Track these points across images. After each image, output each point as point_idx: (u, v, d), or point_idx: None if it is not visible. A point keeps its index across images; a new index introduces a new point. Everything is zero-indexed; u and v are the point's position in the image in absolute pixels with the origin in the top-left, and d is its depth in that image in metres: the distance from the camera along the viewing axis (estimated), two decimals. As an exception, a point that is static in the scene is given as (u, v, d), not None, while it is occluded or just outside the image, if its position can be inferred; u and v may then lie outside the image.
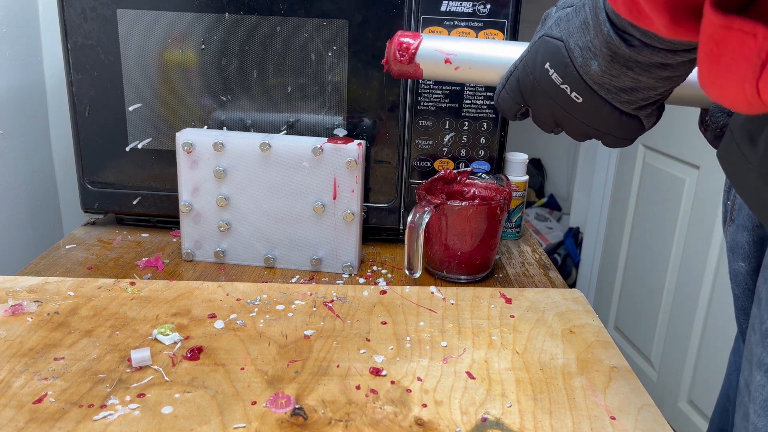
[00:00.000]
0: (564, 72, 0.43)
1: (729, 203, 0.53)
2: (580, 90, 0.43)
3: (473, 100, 0.76)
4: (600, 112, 0.43)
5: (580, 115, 0.45)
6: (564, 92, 0.44)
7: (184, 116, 0.77)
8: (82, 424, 0.44)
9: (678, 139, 1.63)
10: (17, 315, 0.59)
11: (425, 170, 0.79)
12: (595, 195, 2.15)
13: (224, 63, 0.75)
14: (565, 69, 0.43)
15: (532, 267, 0.78)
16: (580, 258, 2.28)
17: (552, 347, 0.57)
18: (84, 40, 0.75)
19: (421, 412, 0.47)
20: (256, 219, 0.72)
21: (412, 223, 0.65)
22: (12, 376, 0.50)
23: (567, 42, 0.42)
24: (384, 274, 0.73)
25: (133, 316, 0.60)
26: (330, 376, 0.51)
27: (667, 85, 0.42)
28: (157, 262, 0.74)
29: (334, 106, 0.76)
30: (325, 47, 0.74)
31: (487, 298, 0.66)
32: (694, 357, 1.55)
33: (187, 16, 0.73)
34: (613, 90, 0.42)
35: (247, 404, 0.47)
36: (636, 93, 0.42)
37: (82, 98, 0.77)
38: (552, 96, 0.45)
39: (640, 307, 1.81)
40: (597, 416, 0.47)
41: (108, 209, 0.82)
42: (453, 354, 0.55)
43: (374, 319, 0.61)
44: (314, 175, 0.70)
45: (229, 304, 0.63)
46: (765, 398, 0.42)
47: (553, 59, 0.43)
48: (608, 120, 0.44)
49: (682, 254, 1.60)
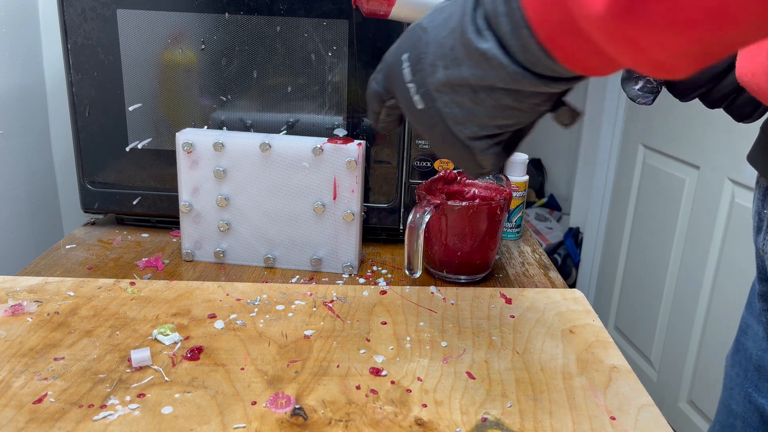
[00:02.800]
0: (415, 68, 0.37)
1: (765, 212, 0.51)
2: (422, 94, 0.37)
3: (473, 100, 0.76)
4: (435, 128, 0.38)
5: (419, 123, 0.39)
6: (408, 91, 0.38)
7: (184, 116, 0.77)
8: (82, 424, 0.44)
9: (678, 139, 1.63)
10: (17, 315, 0.59)
11: (425, 170, 0.79)
12: (595, 195, 2.15)
13: (224, 63, 0.75)
14: (417, 65, 0.37)
15: (532, 267, 0.78)
16: (580, 258, 2.28)
17: (552, 347, 0.57)
18: (84, 40, 0.75)
19: (421, 412, 0.47)
20: (256, 219, 0.72)
21: (412, 223, 0.65)
22: (12, 376, 0.49)
23: (428, 35, 0.36)
24: (384, 274, 0.73)
25: (133, 316, 0.60)
26: (330, 376, 0.51)
27: (507, 118, 0.36)
28: (157, 262, 0.74)
29: (334, 106, 0.76)
30: (325, 47, 0.74)
31: (487, 299, 0.66)
32: (694, 357, 1.55)
33: (187, 16, 0.73)
34: (449, 105, 0.36)
35: (247, 404, 0.47)
36: (473, 117, 0.36)
37: (82, 98, 0.77)
38: (400, 92, 0.39)
39: (640, 307, 1.81)
40: (597, 416, 0.47)
41: (108, 209, 0.82)
42: (453, 354, 0.55)
43: (374, 319, 0.61)
44: (314, 175, 0.70)
45: (229, 304, 0.63)
46: None
47: (412, 51, 0.37)
48: (442, 140, 0.39)
49: (682, 254, 1.60)
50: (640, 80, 0.52)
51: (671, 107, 1.65)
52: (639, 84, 0.52)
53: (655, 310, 1.72)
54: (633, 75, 0.52)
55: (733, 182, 1.42)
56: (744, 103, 0.50)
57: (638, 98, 0.52)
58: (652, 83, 0.51)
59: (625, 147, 1.92)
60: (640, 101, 0.52)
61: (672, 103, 1.79)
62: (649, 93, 0.52)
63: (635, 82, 0.52)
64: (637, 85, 0.52)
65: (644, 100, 0.52)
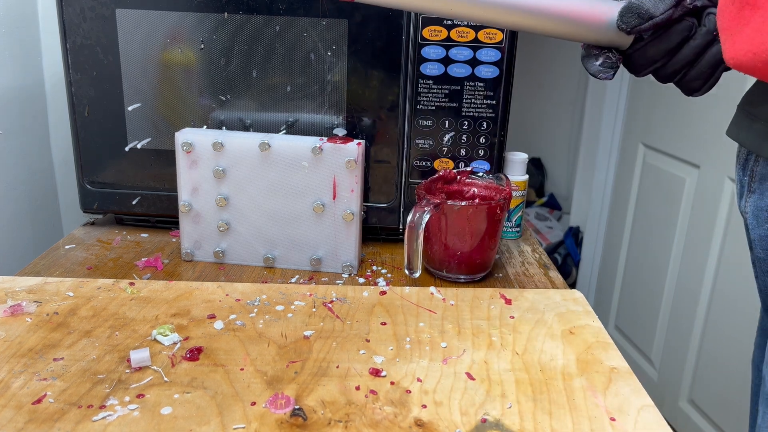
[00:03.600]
0: None
1: (746, 178, 0.56)
2: None
3: (473, 99, 0.76)
4: None
5: None
6: None
7: (184, 116, 0.77)
8: (81, 425, 0.44)
9: (678, 138, 1.63)
10: (16, 315, 0.59)
11: (425, 170, 0.79)
12: (596, 194, 2.15)
13: (223, 63, 0.75)
14: None
15: (532, 266, 0.78)
16: (580, 257, 2.28)
17: (552, 348, 0.57)
18: (83, 40, 0.75)
19: (420, 412, 0.47)
20: (255, 219, 0.72)
21: (412, 223, 0.65)
22: (11, 377, 0.49)
23: None
24: (384, 273, 0.73)
25: (132, 316, 0.60)
26: (329, 376, 0.51)
27: None
28: (156, 262, 0.74)
29: (333, 105, 0.76)
30: (325, 47, 0.74)
31: (486, 299, 0.66)
32: (695, 356, 1.55)
33: (187, 16, 0.73)
34: None
35: (246, 405, 0.47)
36: None
37: (82, 98, 0.77)
38: None
39: (640, 306, 1.81)
40: (597, 417, 0.47)
41: (107, 209, 0.82)
42: (453, 355, 0.55)
43: (374, 320, 0.61)
44: (314, 175, 0.70)
45: (229, 305, 0.63)
46: None
47: None
48: None
49: (682, 253, 1.60)
50: (600, 56, 0.54)
51: (671, 106, 1.65)
52: (599, 60, 0.54)
53: (655, 309, 1.72)
54: (592, 52, 0.54)
55: (734, 181, 1.42)
56: (695, 77, 0.53)
57: (599, 74, 0.54)
58: (611, 59, 0.53)
59: (625, 146, 1.92)
60: (602, 76, 0.54)
61: (672, 103, 1.79)
62: (609, 68, 0.54)
63: (595, 59, 0.54)
64: (597, 61, 0.54)
65: (605, 75, 0.54)
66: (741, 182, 0.57)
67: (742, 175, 0.57)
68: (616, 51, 0.54)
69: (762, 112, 0.53)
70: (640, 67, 0.54)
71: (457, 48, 0.74)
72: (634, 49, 0.53)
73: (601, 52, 0.54)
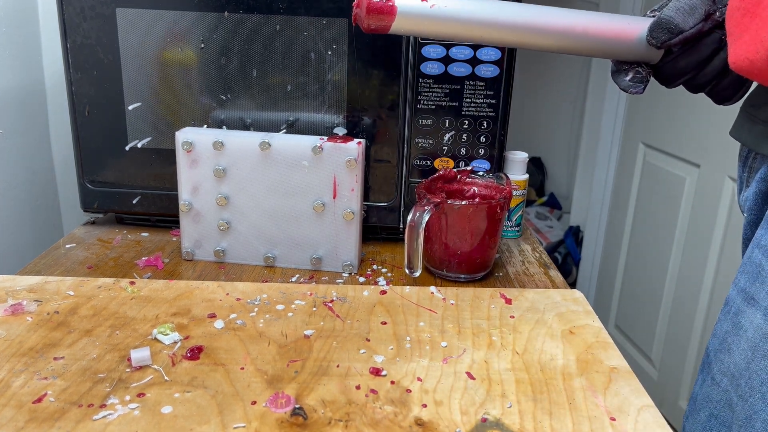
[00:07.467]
0: None
1: (745, 174, 0.58)
2: None
3: (473, 99, 0.76)
4: None
5: None
6: None
7: (184, 115, 0.77)
8: (81, 424, 0.44)
9: (678, 137, 1.63)
10: (17, 314, 0.59)
11: (425, 169, 0.79)
12: (596, 193, 2.15)
13: (224, 62, 0.75)
14: None
15: (532, 266, 0.78)
16: (580, 256, 2.28)
17: (552, 348, 0.57)
18: (83, 39, 0.75)
19: (420, 412, 0.47)
20: (256, 218, 0.72)
21: (412, 222, 0.65)
22: (11, 376, 0.49)
23: None
24: (384, 272, 0.73)
25: (132, 315, 0.60)
26: (330, 376, 0.51)
27: None
28: (156, 261, 0.74)
29: (333, 104, 0.76)
30: (325, 46, 0.74)
31: (487, 299, 0.66)
32: (695, 355, 1.55)
33: (187, 15, 0.73)
34: None
35: (246, 404, 0.47)
36: None
37: (82, 97, 0.77)
38: None
39: (640, 306, 1.81)
40: (597, 417, 0.47)
41: (108, 208, 0.82)
42: (453, 354, 0.55)
43: (374, 319, 0.61)
44: (314, 174, 0.70)
45: (229, 304, 0.63)
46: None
47: None
48: None
49: (682, 252, 1.60)
50: (630, 71, 0.54)
51: (672, 105, 1.65)
52: (629, 75, 0.54)
53: (655, 308, 1.72)
54: (622, 67, 0.54)
55: (734, 180, 1.42)
56: (726, 87, 0.54)
57: (629, 88, 0.54)
58: (641, 73, 0.54)
59: (626, 145, 1.92)
60: (632, 91, 0.54)
61: (672, 102, 1.79)
62: (639, 82, 0.54)
63: (625, 74, 0.54)
64: (627, 77, 0.54)
65: (635, 90, 0.54)
66: (741, 178, 0.59)
67: (742, 171, 0.58)
68: (645, 65, 0.54)
69: (763, 113, 0.54)
70: (671, 78, 0.54)
71: (457, 47, 0.74)
72: (665, 62, 0.53)
73: (631, 67, 0.54)
